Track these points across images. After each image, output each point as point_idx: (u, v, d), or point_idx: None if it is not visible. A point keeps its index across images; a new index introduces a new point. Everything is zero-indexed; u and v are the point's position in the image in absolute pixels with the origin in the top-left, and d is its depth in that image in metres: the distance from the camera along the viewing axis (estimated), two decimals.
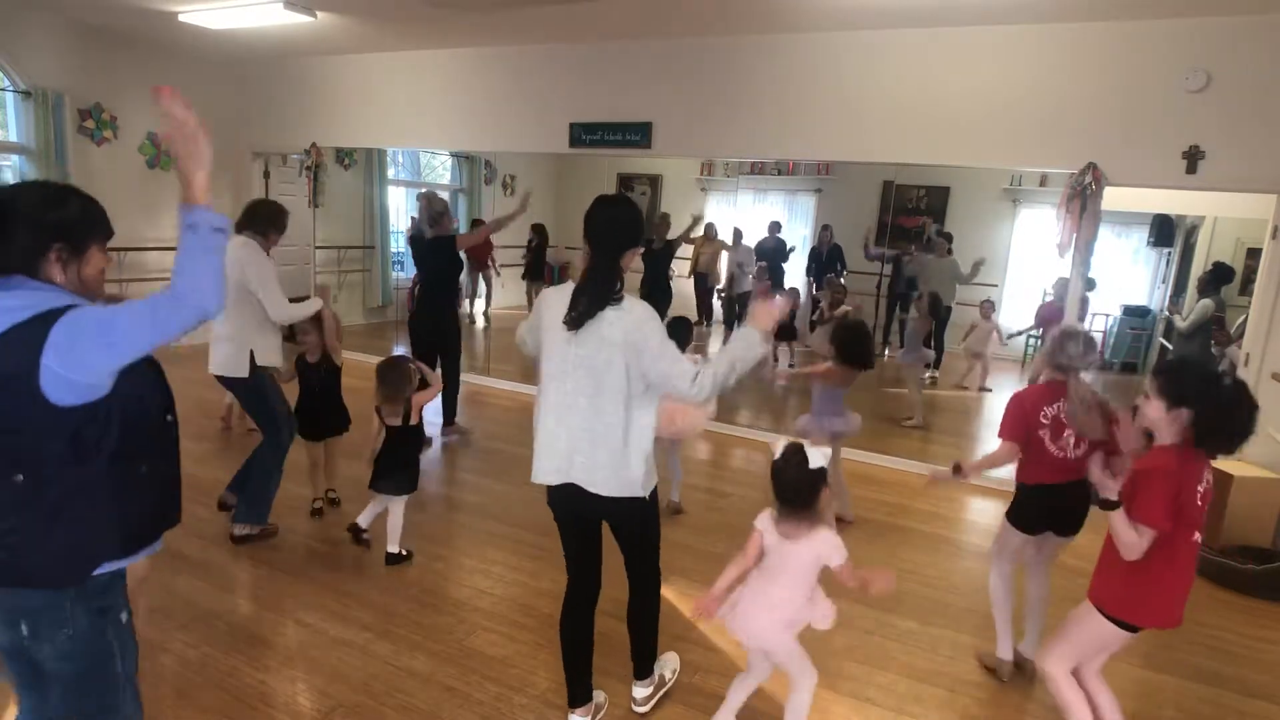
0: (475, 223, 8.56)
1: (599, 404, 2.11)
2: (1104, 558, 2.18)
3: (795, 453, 2.13)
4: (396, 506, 3.48)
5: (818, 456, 2.11)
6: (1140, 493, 2.01)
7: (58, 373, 1.36)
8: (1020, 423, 2.63)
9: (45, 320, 1.36)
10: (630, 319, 2.08)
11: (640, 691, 2.53)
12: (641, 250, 2.24)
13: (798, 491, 2.12)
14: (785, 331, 7.31)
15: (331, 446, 3.97)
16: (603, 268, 2.11)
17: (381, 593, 3.21)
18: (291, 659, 2.74)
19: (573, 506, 2.24)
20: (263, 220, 3.58)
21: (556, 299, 2.16)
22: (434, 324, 5.18)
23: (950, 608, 3.36)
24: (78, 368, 1.37)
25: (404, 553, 3.51)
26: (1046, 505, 2.69)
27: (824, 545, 2.14)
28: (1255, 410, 2.00)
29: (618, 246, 2.13)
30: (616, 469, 2.14)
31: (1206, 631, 3.32)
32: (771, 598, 2.20)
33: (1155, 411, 2.05)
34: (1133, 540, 2.01)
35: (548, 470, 2.20)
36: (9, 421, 1.39)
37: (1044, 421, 2.61)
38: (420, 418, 3.53)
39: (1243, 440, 2.01)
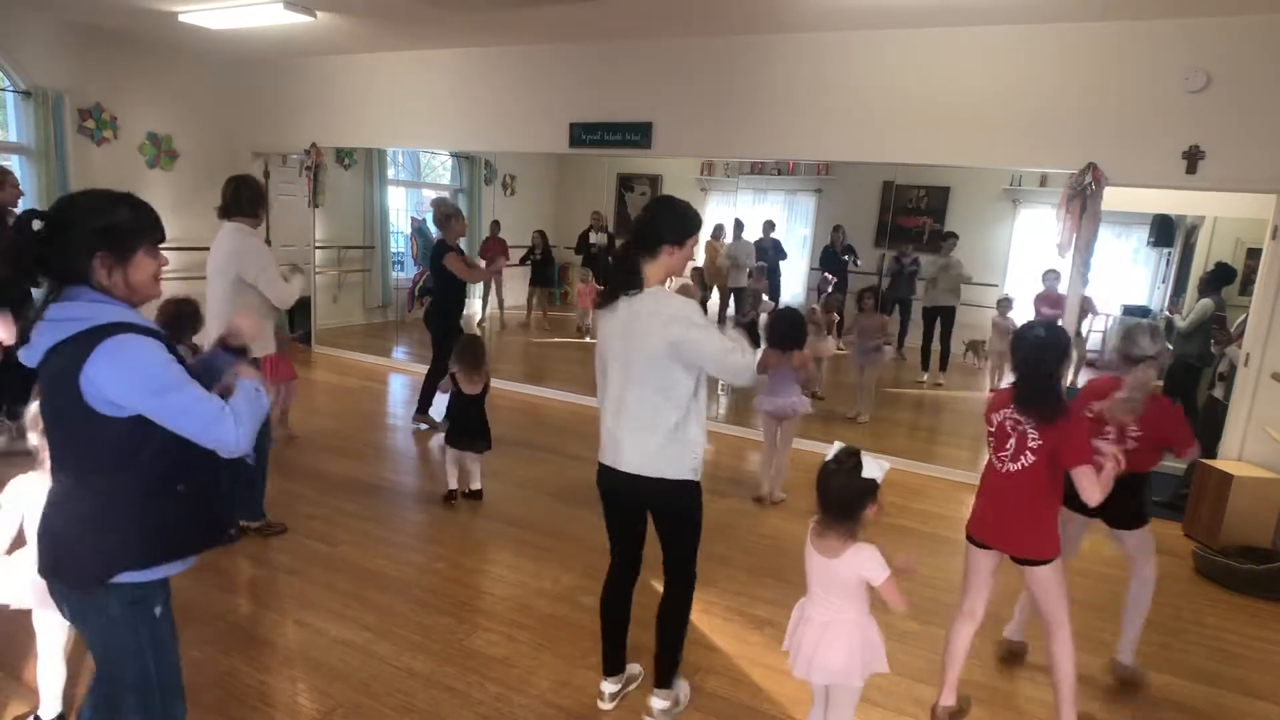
0: (494, 225, 8.59)
1: (638, 392, 2.24)
2: None
3: (849, 456, 2.00)
4: (478, 460, 4.23)
5: (873, 467, 1.97)
6: None
7: (97, 389, 1.45)
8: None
9: (91, 337, 1.45)
10: (649, 305, 2.22)
11: (659, 703, 2.46)
12: (685, 252, 2.29)
13: (843, 500, 1.99)
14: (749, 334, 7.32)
15: None
16: (621, 251, 2.30)
17: (381, 593, 3.21)
18: (291, 659, 2.74)
19: (626, 491, 2.34)
20: (250, 200, 3.57)
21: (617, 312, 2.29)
22: (440, 319, 5.35)
23: (950, 608, 3.33)
24: (113, 394, 1.46)
25: (481, 490, 4.22)
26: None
27: (864, 560, 1.99)
28: (1035, 356, 2.29)
29: (648, 235, 2.24)
30: (659, 451, 2.25)
31: (1207, 632, 3.32)
32: (819, 619, 2.07)
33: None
34: None
35: (606, 453, 2.33)
36: (62, 421, 1.51)
37: (1088, 414, 2.64)
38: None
39: (1021, 381, 2.32)
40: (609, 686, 2.54)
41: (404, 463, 4.97)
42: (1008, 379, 2.73)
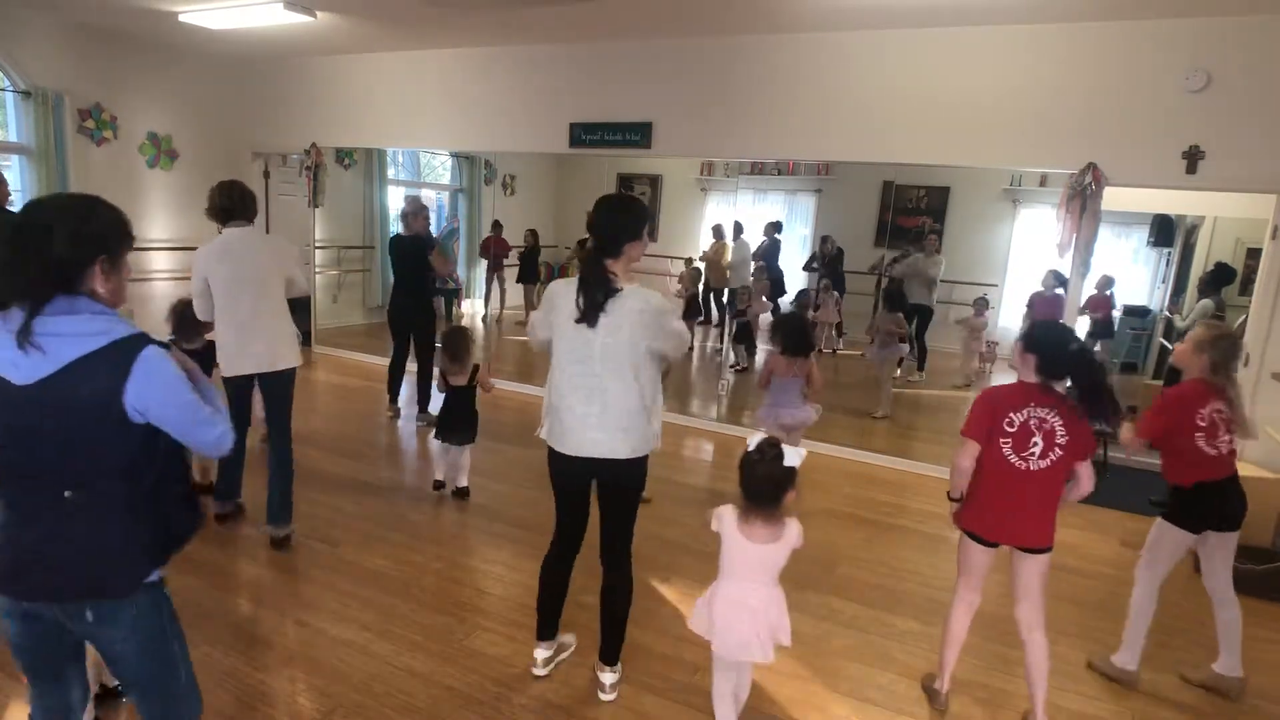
0: (495, 225, 8.60)
1: (624, 382, 2.33)
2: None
3: (771, 447, 2.15)
4: (466, 453, 4.25)
5: (793, 455, 2.13)
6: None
7: (142, 402, 1.49)
8: (1169, 422, 2.74)
9: (122, 350, 1.47)
10: (636, 302, 2.30)
11: (610, 678, 2.59)
12: (643, 243, 2.39)
13: (768, 488, 2.14)
14: (743, 335, 7.31)
15: None
16: (593, 262, 2.33)
17: (381, 593, 3.21)
18: (291, 659, 2.74)
19: (589, 475, 2.44)
20: (251, 205, 3.42)
21: (565, 291, 2.36)
22: (408, 315, 5.56)
23: (949, 606, 3.35)
24: (146, 405, 1.50)
25: (468, 487, 4.27)
26: (1210, 503, 2.76)
27: (794, 534, 2.20)
28: (1088, 366, 2.34)
29: (611, 240, 2.32)
30: (639, 432, 2.38)
31: (1207, 632, 3.30)
32: (750, 602, 2.19)
33: (1016, 354, 2.44)
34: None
35: (578, 444, 2.38)
36: (84, 436, 1.48)
37: (1200, 424, 2.68)
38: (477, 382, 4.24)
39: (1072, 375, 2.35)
40: (542, 652, 2.69)
41: (404, 463, 4.97)
42: (1003, 377, 2.77)
